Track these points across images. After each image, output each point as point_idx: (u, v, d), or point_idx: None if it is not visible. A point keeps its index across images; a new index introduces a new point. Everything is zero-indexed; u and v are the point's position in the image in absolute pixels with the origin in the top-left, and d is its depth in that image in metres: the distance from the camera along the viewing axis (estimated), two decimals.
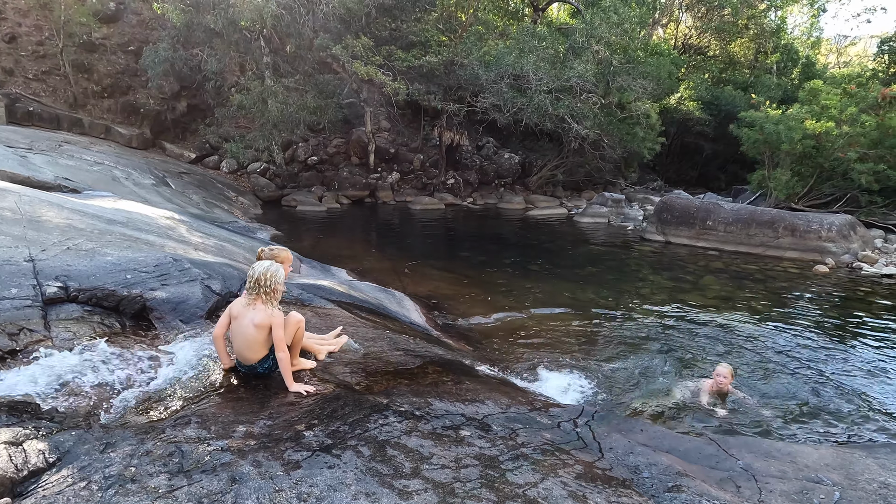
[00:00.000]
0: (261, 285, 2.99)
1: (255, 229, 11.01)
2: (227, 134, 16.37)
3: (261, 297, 3.00)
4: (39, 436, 2.29)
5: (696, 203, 12.55)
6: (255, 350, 3.04)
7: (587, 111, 14.59)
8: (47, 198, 6.07)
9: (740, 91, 21.46)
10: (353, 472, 2.21)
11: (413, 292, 7.48)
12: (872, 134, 12.47)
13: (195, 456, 2.24)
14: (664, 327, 6.50)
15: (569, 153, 17.53)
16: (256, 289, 3.00)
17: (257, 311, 3.00)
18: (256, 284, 2.99)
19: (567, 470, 2.48)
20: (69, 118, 14.89)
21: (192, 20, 14.05)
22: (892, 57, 18.55)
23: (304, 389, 3.00)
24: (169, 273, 4.27)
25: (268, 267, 3.04)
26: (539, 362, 5.25)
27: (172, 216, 7.65)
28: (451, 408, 3.04)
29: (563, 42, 14.92)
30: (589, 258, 10.67)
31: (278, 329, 2.97)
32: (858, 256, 10.29)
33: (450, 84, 15.61)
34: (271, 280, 3.00)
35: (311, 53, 14.58)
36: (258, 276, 2.99)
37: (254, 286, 3.00)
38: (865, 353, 5.88)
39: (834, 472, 2.83)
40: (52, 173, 9.35)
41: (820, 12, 26.85)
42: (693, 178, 23.72)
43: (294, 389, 2.99)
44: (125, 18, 17.21)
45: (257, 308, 3.00)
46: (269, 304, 3.02)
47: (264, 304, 3.01)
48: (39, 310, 3.39)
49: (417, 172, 18.16)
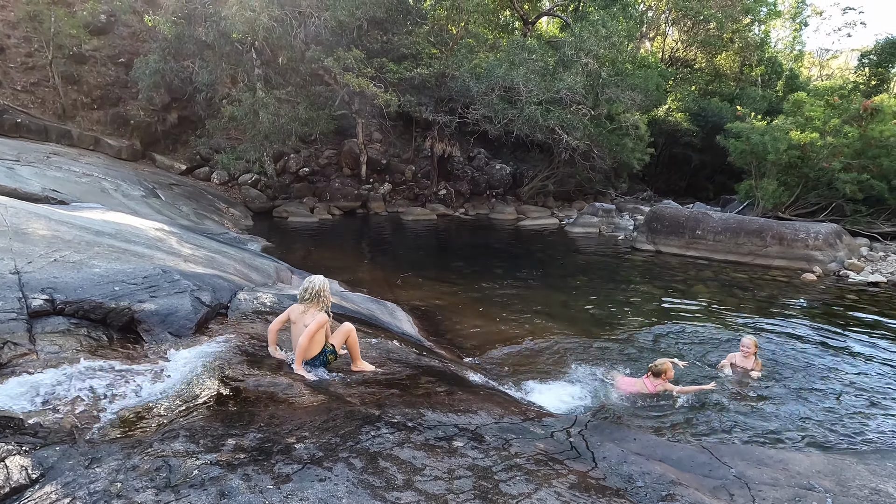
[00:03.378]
0: (318, 295, 3.70)
1: (246, 240, 10.95)
2: (218, 145, 16.34)
3: (316, 304, 3.68)
4: (22, 451, 2.23)
5: (686, 213, 12.68)
6: (313, 349, 3.62)
7: (577, 122, 14.77)
8: (34, 209, 6.00)
9: (726, 103, 21.85)
10: (345, 484, 2.18)
11: (405, 303, 7.46)
12: (855, 144, 12.73)
13: (183, 470, 2.19)
14: (655, 336, 6.52)
15: (559, 164, 17.70)
16: (314, 298, 3.68)
17: (316, 316, 3.64)
18: (315, 295, 3.69)
19: (561, 480, 2.46)
20: (58, 130, 14.78)
21: (184, 32, 14.08)
22: (872, 70, 19.04)
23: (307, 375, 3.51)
24: (158, 285, 4.22)
25: (320, 281, 3.76)
26: (532, 372, 5.24)
27: (162, 227, 7.58)
28: (444, 418, 3.02)
29: (553, 55, 15.13)
30: (580, 268, 10.72)
31: (316, 325, 3.64)
32: (845, 264, 10.43)
33: (441, 96, 15.75)
34: (324, 291, 3.74)
35: (303, 65, 14.65)
36: (315, 289, 3.70)
37: (312, 296, 3.69)
38: (854, 361, 5.94)
39: (826, 479, 2.84)
40: (40, 185, 9.25)
41: (802, 26, 27.60)
42: (682, 188, 24.02)
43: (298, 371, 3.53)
44: (116, 30, 17.20)
45: (312, 313, 3.66)
46: (321, 310, 3.71)
47: (317, 310, 3.68)
48: (24, 323, 3.33)
49: (409, 183, 18.21)
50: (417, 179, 18.30)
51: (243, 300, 4.77)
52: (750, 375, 5.26)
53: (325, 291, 3.75)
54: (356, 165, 17.44)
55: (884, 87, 19.18)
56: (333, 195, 16.59)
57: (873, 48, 19.31)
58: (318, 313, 3.65)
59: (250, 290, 5.21)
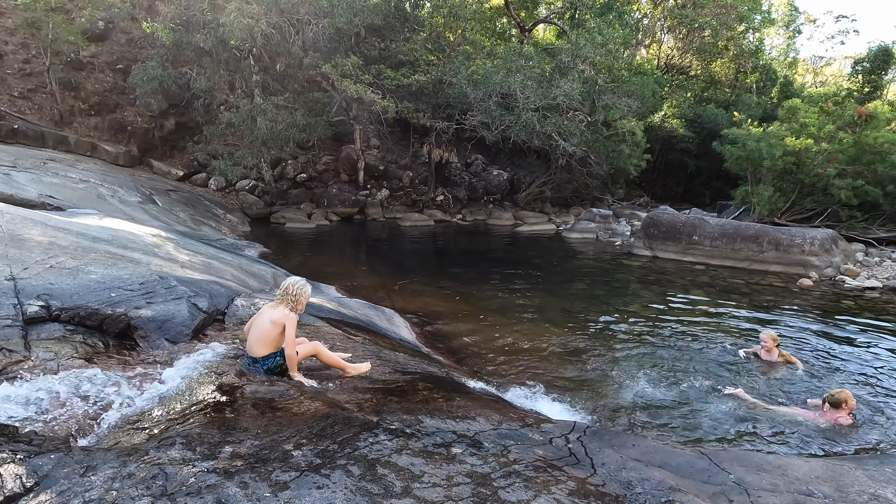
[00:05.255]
0: (288, 293, 3.49)
1: (244, 246, 10.93)
2: (215, 151, 16.33)
3: (284, 301, 3.48)
4: (17, 459, 2.21)
5: (682, 218, 12.73)
6: (264, 345, 3.39)
7: (574, 129, 14.84)
8: (30, 215, 5.97)
9: (722, 109, 22.01)
10: (343, 491, 2.17)
11: (403, 309, 7.44)
12: (850, 151, 12.82)
13: (179, 478, 2.17)
14: (653, 341, 6.52)
15: (556, 170, 17.76)
16: (283, 295, 3.48)
17: (277, 310, 3.45)
18: (285, 292, 3.49)
19: (560, 486, 2.45)
20: (54, 136, 14.75)
21: (182, 39, 14.11)
22: (865, 77, 19.22)
23: (305, 381, 3.41)
24: (155, 291, 4.20)
25: (298, 281, 3.58)
26: (530, 378, 5.22)
27: (159, 234, 7.56)
28: (442, 425, 3.01)
29: (550, 62, 15.22)
30: (578, 274, 10.72)
31: (291, 329, 3.39)
32: (841, 270, 10.47)
33: (438, 102, 15.80)
34: (297, 291, 3.52)
35: (301, 72, 14.69)
36: (287, 285, 3.51)
37: (282, 293, 3.50)
38: (853, 366, 5.95)
39: (824, 485, 2.83)
40: (36, 191, 9.22)
41: (795, 34, 27.90)
42: (678, 194, 24.12)
43: (296, 379, 3.40)
44: (114, 37, 17.23)
45: (278, 308, 3.46)
46: (289, 309, 3.46)
47: (284, 307, 3.46)
48: (20, 329, 3.31)
49: (407, 189, 18.23)
50: (415, 185, 18.33)
51: (240, 306, 4.75)
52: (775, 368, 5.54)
53: (297, 292, 3.50)
54: (354, 171, 17.46)
55: (877, 93, 19.36)
56: (331, 201, 16.59)
57: (866, 55, 19.51)
58: (282, 309, 3.43)
59: (247, 296, 5.20)
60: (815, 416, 4.40)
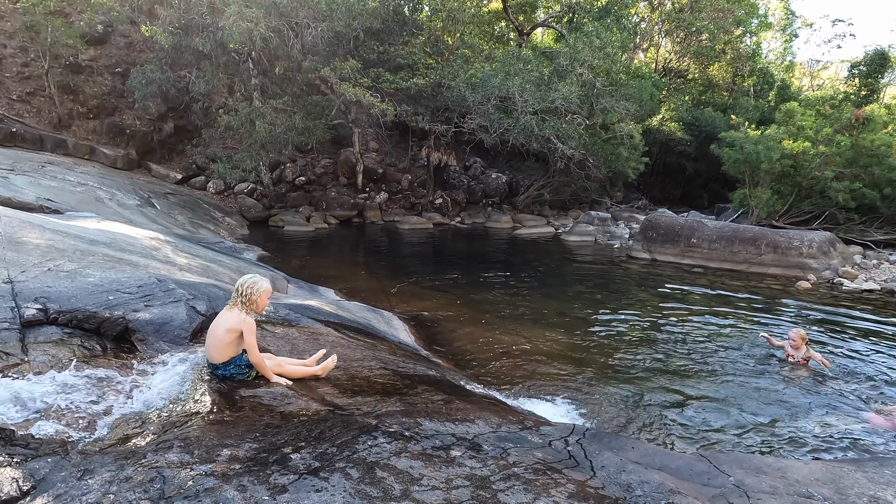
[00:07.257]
0: (239, 294, 3.25)
1: (242, 249, 10.92)
2: (214, 154, 16.33)
3: (237, 304, 3.24)
4: (13, 463, 2.20)
5: (681, 221, 12.75)
6: (221, 351, 3.21)
7: (572, 132, 14.88)
8: (28, 218, 5.96)
9: (720, 112, 22.09)
10: (342, 494, 2.16)
11: (402, 311, 7.44)
12: (847, 153, 12.87)
13: (177, 481, 2.16)
14: (652, 344, 6.52)
15: (555, 173, 17.79)
16: (236, 297, 3.27)
17: (231, 315, 3.23)
18: (236, 292, 3.28)
19: (559, 489, 2.44)
20: (53, 139, 14.75)
21: (181, 42, 14.13)
22: (862, 80, 19.31)
23: (284, 382, 3.28)
24: (153, 294, 4.19)
25: (248, 278, 3.31)
26: (529, 381, 5.22)
27: (157, 236, 7.55)
28: (442, 427, 3.00)
29: (548, 65, 15.28)
30: (577, 276, 10.73)
31: (249, 335, 3.17)
32: (839, 272, 10.49)
33: (437, 105, 15.84)
34: (248, 290, 3.25)
35: (300, 75, 14.72)
36: (237, 285, 3.29)
37: (235, 294, 3.29)
38: (855, 367, 5.95)
39: (824, 487, 2.83)
40: (34, 194, 9.21)
41: (792, 38, 28.03)
42: (677, 197, 24.17)
43: (275, 380, 3.28)
44: (113, 40, 17.25)
45: (232, 312, 3.24)
46: (245, 312, 3.24)
47: (240, 311, 3.23)
48: (17, 332, 3.30)
49: (405, 192, 18.24)
50: (414, 188, 18.35)
51: None
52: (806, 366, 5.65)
53: (249, 292, 3.24)
54: (352, 174, 17.47)
55: (874, 97, 19.45)
56: (330, 204, 16.60)
57: (863, 59, 19.59)
58: (237, 313, 3.21)
59: None
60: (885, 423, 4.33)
